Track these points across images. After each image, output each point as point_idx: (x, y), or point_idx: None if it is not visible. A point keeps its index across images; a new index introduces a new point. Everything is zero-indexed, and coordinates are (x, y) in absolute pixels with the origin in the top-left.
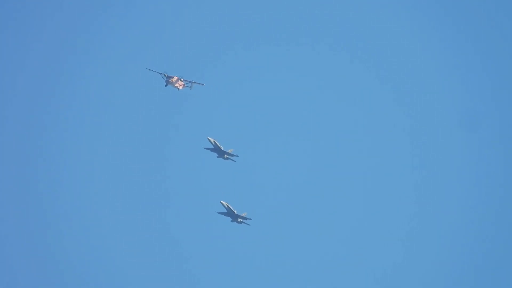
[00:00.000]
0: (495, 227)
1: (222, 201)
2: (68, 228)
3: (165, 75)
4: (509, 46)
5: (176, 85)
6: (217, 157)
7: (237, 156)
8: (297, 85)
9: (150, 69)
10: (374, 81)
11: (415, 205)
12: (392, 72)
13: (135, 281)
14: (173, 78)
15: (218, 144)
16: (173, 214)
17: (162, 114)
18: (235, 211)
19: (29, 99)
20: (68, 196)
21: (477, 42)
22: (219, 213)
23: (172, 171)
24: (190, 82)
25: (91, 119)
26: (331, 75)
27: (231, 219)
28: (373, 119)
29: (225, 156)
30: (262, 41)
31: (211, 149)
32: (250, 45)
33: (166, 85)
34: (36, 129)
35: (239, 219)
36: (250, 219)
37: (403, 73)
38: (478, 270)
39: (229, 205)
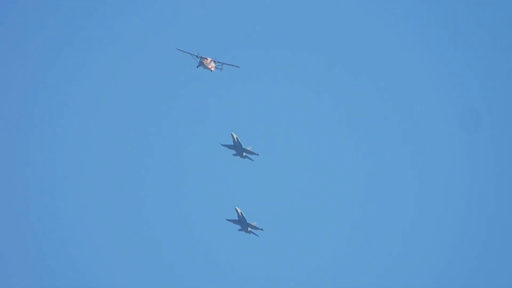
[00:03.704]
0: (495, 227)
1: (237, 208)
2: (63, 228)
3: (197, 56)
4: (509, 45)
5: (209, 66)
6: (234, 155)
7: (257, 154)
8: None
9: (180, 50)
10: (373, 81)
11: (415, 205)
12: (391, 72)
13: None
14: (207, 59)
15: (239, 141)
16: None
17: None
18: (247, 220)
19: (28, 98)
20: (65, 196)
21: (477, 42)
22: (228, 220)
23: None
24: (224, 64)
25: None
26: (330, 75)
27: (239, 228)
28: (373, 120)
29: (244, 154)
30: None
31: (229, 146)
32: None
33: (198, 66)
34: (34, 128)
35: (248, 229)
36: (261, 229)
37: (403, 73)
38: (478, 270)
39: (243, 213)
